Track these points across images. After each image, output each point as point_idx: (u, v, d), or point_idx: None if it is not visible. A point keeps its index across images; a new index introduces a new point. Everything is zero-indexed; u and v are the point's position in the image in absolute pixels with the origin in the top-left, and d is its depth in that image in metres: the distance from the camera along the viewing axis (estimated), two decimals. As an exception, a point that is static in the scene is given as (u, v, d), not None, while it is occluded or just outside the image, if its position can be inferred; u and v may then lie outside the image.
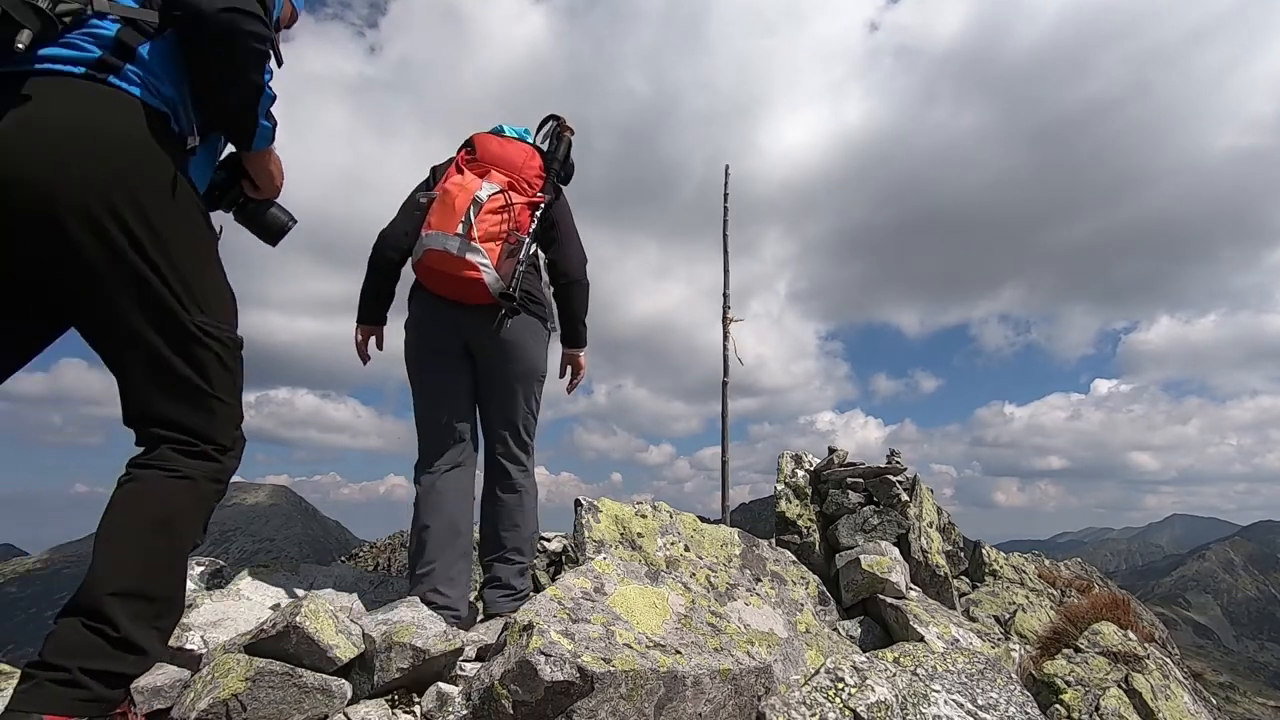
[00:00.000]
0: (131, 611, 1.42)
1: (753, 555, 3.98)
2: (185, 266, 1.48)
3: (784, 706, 2.03)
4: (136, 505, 1.48)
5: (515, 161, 2.78)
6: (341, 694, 1.99)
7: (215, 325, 1.55)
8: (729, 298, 8.60)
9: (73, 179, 1.28)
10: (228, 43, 1.41)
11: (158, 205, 1.41)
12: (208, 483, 1.60)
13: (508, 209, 2.64)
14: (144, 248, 1.40)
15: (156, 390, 1.50)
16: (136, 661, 1.46)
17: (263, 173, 1.77)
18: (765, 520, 6.61)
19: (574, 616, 1.98)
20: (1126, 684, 3.45)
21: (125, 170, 1.35)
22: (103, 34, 1.39)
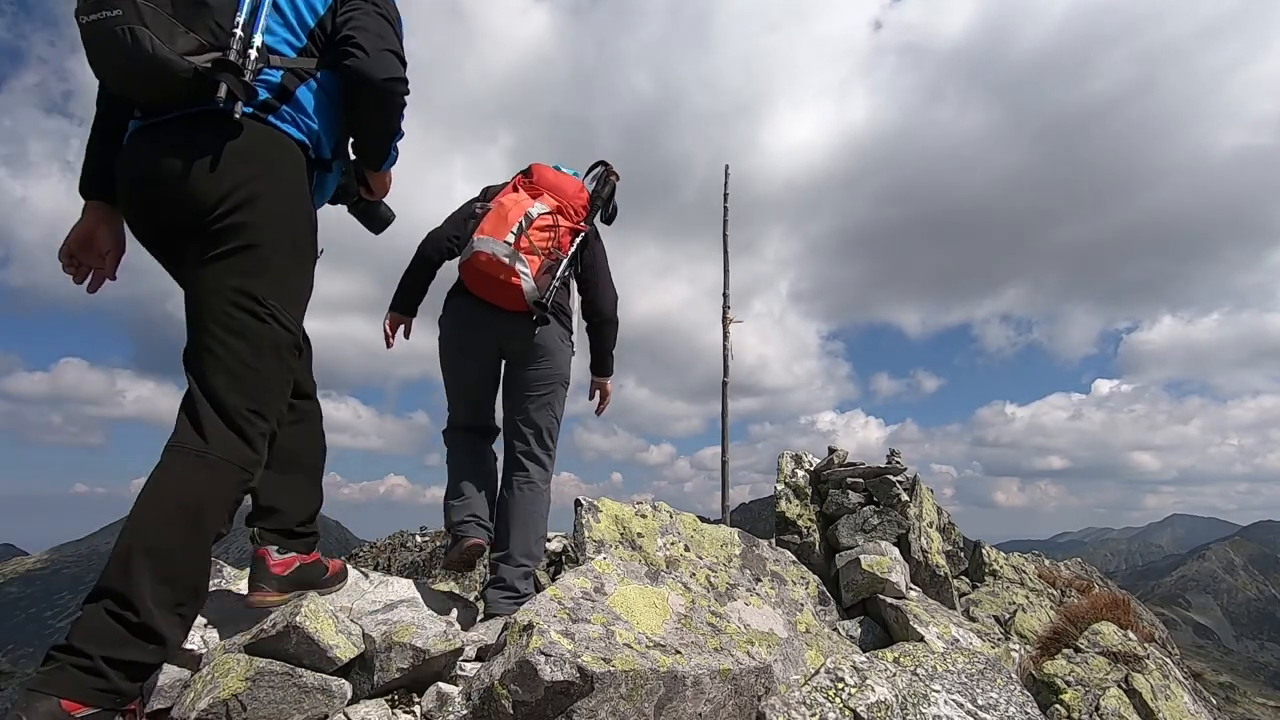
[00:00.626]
0: (154, 597, 1.49)
1: (753, 555, 3.98)
2: (278, 261, 1.78)
3: (784, 706, 2.03)
4: (167, 492, 1.58)
5: (566, 190, 3.11)
6: (341, 694, 1.99)
7: (283, 312, 1.80)
8: (729, 298, 8.61)
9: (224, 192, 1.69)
10: (386, 102, 1.88)
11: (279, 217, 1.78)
12: (238, 472, 1.69)
13: (554, 229, 2.95)
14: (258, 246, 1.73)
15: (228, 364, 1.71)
16: (156, 651, 1.52)
17: (381, 183, 2.25)
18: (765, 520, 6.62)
19: (574, 616, 1.98)
20: (1126, 684, 3.45)
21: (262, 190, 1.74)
22: (270, 81, 1.78)
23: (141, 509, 1.55)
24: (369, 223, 2.34)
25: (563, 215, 3.02)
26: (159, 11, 1.58)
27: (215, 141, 1.68)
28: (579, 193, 3.15)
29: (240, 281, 1.73)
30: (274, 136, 1.79)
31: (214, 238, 1.71)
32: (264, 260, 1.75)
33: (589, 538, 3.57)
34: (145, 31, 1.55)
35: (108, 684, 1.40)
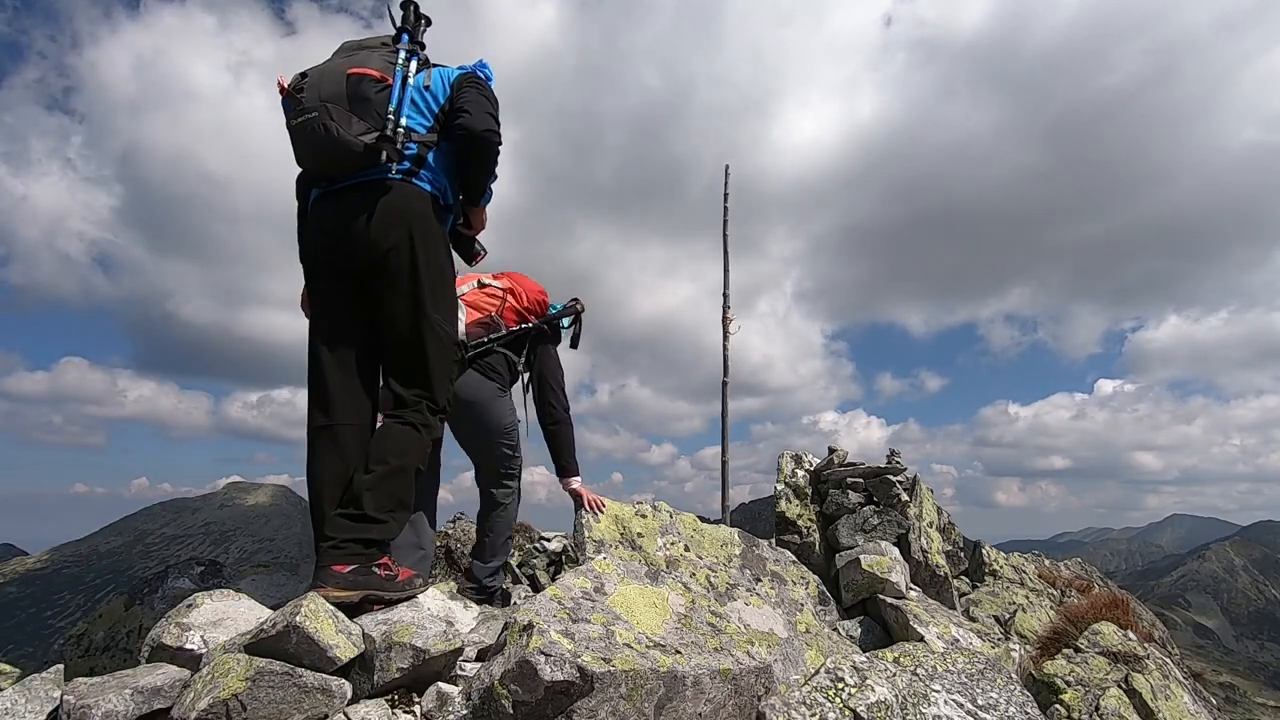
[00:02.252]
0: (373, 502, 2.30)
1: (753, 555, 3.98)
2: (437, 286, 2.48)
3: (784, 706, 2.03)
4: (388, 440, 2.38)
5: (527, 285, 3.80)
6: (341, 694, 1.99)
7: (445, 323, 2.52)
8: (729, 298, 8.60)
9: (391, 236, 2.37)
10: (486, 150, 2.51)
11: (427, 250, 2.45)
12: (428, 431, 2.47)
13: (501, 300, 3.65)
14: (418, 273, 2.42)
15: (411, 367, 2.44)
16: (381, 529, 2.32)
17: (479, 218, 2.78)
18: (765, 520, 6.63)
19: (574, 616, 1.98)
20: (1126, 684, 3.45)
21: (414, 232, 2.41)
22: (411, 152, 2.43)
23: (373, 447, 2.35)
24: (464, 255, 2.80)
25: (513, 296, 3.71)
26: (340, 108, 2.32)
27: (381, 200, 2.37)
28: (539, 294, 3.82)
29: (415, 303, 2.42)
30: (418, 192, 2.46)
31: (391, 272, 2.39)
32: (426, 285, 2.44)
33: (589, 538, 3.57)
34: (333, 123, 2.29)
35: (353, 550, 2.23)
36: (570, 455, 3.84)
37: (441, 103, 2.53)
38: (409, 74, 2.43)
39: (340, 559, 2.23)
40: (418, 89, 2.47)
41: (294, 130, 2.33)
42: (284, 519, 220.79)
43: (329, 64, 2.43)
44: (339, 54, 2.54)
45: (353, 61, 2.40)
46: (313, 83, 2.35)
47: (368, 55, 2.44)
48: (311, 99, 2.32)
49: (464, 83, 2.57)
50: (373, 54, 2.46)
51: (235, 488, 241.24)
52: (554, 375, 3.82)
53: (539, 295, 3.82)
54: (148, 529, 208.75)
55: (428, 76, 2.53)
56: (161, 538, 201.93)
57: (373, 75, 2.38)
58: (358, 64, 2.39)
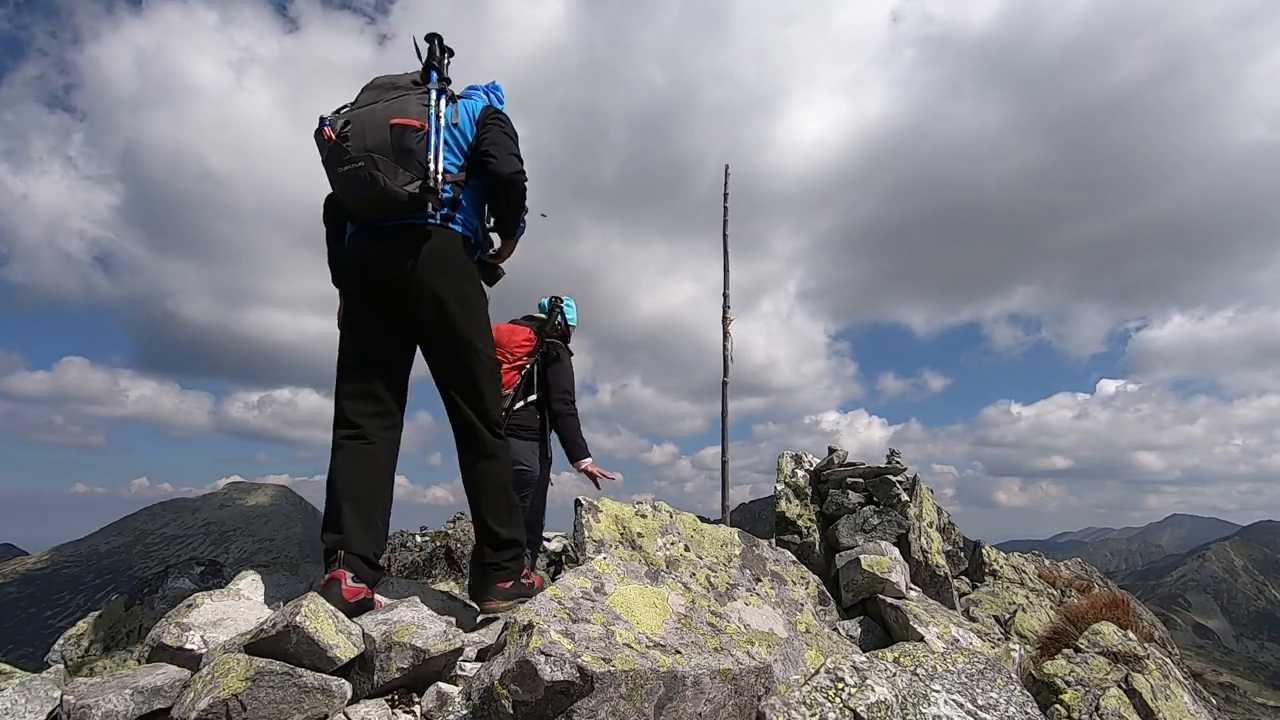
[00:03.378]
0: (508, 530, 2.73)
1: (753, 555, 3.98)
2: (477, 319, 2.72)
3: (784, 706, 2.03)
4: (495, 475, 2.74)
5: (508, 343, 4.26)
6: (341, 694, 1.99)
7: (488, 349, 2.76)
8: (729, 298, 8.61)
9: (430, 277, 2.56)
10: (514, 192, 2.72)
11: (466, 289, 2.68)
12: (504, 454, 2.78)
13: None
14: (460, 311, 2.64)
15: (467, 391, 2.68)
16: (517, 551, 2.76)
17: (509, 250, 2.98)
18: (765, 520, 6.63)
19: (574, 616, 1.98)
20: (1126, 684, 3.45)
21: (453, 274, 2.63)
22: (448, 195, 2.58)
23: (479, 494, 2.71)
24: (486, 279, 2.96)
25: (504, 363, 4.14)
26: (386, 159, 2.47)
27: (424, 245, 2.56)
28: (523, 341, 4.32)
29: (461, 338, 2.65)
30: (453, 236, 2.65)
31: (434, 312, 2.61)
32: (464, 317, 2.65)
33: (589, 538, 3.57)
34: (379, 174, 2.45)
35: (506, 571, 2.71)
36: (575, 441, 4.27)
37: (470, 139, 2.71)
38: (442, 117, 2.60)
39: (501, 577, 2.73)
40: (448, 127, 2.64)
41: (341, 176, 2.51)
42: (284, 519, 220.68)
43: (370, 111, 2.54)
44: (370, 91, 2.66)
45: (393, 109, 2.54)
46: (356, 130, 2.49)
47: (405, 101, 2.58)
48: (357, 148, 2.46)
49: (487, 119, 2.74)
50: (409, 99, 2.59)
51: (235, 488, 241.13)
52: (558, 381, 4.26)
53: (524, 341, 4.35)
54: (148, 529, 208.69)
55: (454, 113, 2.69)
56: (161, 538, 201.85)
57: (414, 125, 2.53)
58: (398, 112, 2.53)
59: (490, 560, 2.71)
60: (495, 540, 2.72)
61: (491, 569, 2.71)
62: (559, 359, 4.35)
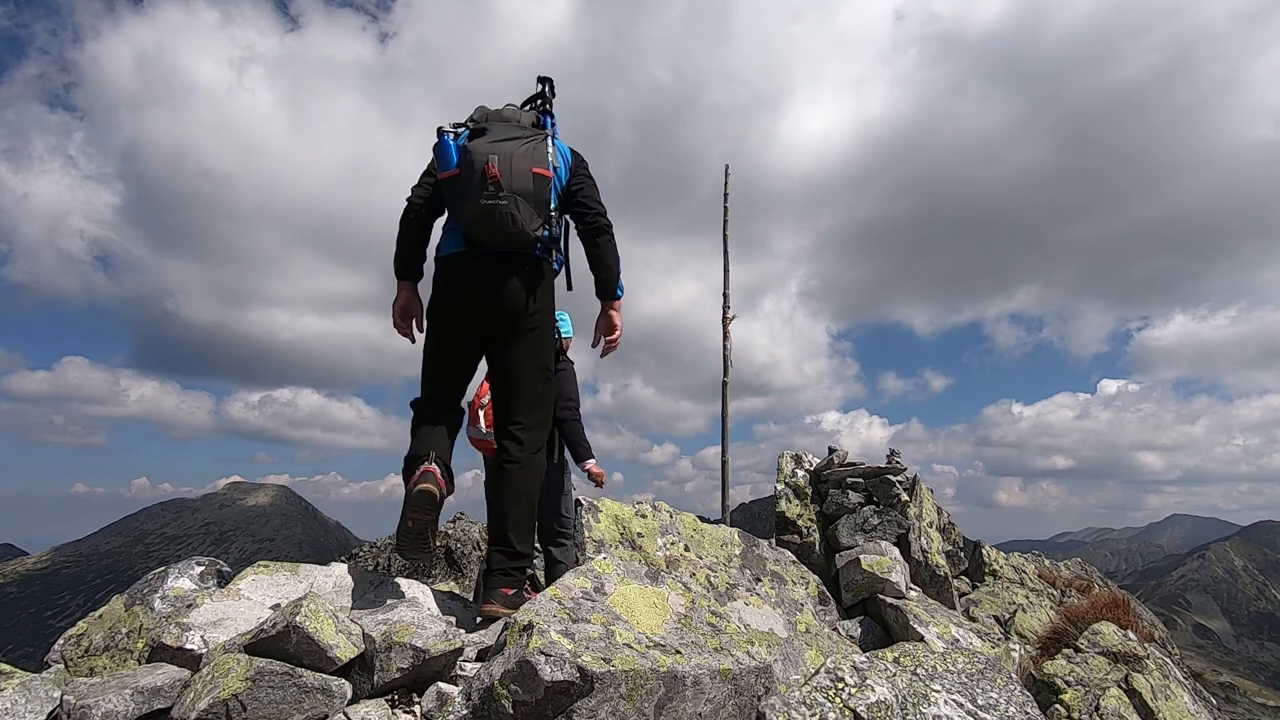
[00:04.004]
0: (519, 540, 2.93)
1: (753, 555, 3.98)
2: (550, 347, 3.06)
3: (784, 706, 2.03)
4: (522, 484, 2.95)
5: None
6: (341, 694, 1.99)
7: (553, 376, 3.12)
8: (729, 298, 8.61)
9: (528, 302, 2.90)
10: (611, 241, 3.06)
11: (550, 318, 3.03)
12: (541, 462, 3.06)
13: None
14: (545, 337, 3.00)
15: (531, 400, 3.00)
16: (527, 561, 2.95)
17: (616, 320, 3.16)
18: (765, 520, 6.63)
19: (574, 616, 1.98)
20: (1126, 684, 3.45)
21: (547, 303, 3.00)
22: (545, 236, 2.91)
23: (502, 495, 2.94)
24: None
25: None
26: (526, 204, 2.79)
27: (532, 273, 2.91)
28: None
29: (538, 360, 3.00)
30: (551, 269, 3.01)
31: (524, 333, 2.93)
32: (547, 346, 3.03)
33: (589, 538, 3.57)
34: (519, 215, 2.78)
35: (518, 578, 2.88)
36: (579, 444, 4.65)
37: (564, 181, 3.02)
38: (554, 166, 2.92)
39: (506, 584, 2.86)
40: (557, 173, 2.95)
41: (480, 206, 2.76)
42: (284, 519, 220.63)
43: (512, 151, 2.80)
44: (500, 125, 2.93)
45: (534, 158, 2.84)
46: (505, 170, 2.76)
47: (541, 150, 2.86)
48: (506, 187, 2.76)
49: (579, 167, 3.08)
50: (543, 148, 2.88)
51: (235, 488, 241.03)
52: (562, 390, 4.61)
53: None
54: (148, 529, 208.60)
55: (556, 156, 2.96)
56: (161, 538, 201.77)
57: (547, 176, 2.86)
58: (539, 162, 2.84)
59: (499, 566, 2.89)
60: (509, 549, 2.91)
61: (499, 574, 2.88)
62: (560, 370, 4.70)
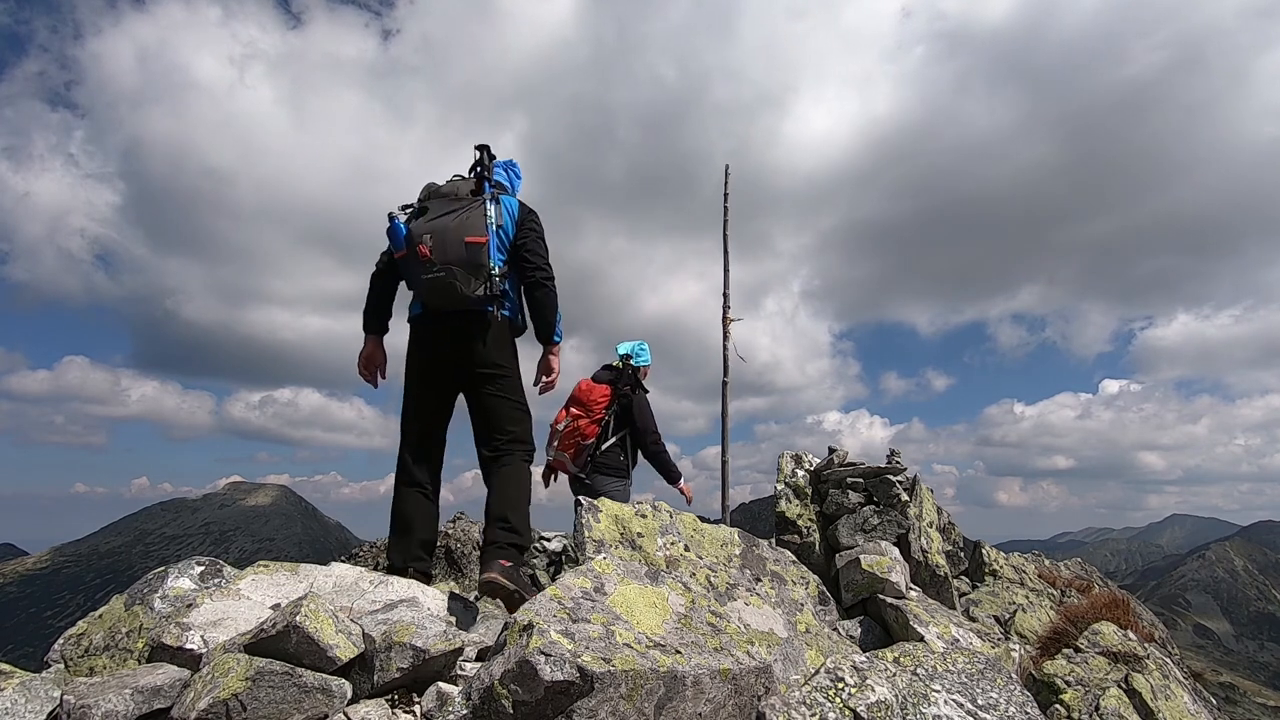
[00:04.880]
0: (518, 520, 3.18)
1: (753, 555, 3.98)
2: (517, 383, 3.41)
3: (784, 706, 2.03)
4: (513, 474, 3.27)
5: (585, 400, 5.25)
6: (341, 693, 1.99)
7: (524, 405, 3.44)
8: (729, 298, 8.61)
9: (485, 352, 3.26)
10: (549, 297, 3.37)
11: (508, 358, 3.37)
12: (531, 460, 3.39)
13: (575, 432, 5.18)
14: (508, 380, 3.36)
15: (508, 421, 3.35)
16: (523, 541, 3.18)
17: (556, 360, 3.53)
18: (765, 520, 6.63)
19: (574, 616, 1.98)
20: (1126, 684, 3.45)
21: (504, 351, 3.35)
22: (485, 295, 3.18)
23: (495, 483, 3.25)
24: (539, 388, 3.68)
25: (581, 419, 5.18)
26: (463, 270, 3.11)
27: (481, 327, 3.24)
28: (599, 397, 5.22)
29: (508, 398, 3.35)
30: (503, 320, 3.27)
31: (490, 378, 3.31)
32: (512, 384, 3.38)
33: (589, 538, 3.57)
34: (458, 283, 3.12)
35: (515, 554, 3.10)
36: (669, 469, 5.28)
37: (511, 236, 3.33)
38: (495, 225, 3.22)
39: (504, 556, 3.03)
40: (497, 230, 3.25)
41: (424, 281, 3.16)
42: (284, 519, 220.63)
43: (444, 226, 3.15)
44: (437, 201, 3.30)
45: (465, 227, 3.16)
46: (438, 245, 3.12)
47: (472, 217, 3.19)
48: (440, 261, 3.12)
49: (525, 221, 3.38)
50: (474, 214, 3.20)
51: (235, 488, 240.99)
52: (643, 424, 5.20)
53: (601, 397, 5.22)
54: (148, 529, 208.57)
55: (499, 213, 3.27)
56: (161, 538, 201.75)
57: (480, 241, 3.15)
58: (469, 230, 3.16)
59: (496, 540, 3.10)
60: (505, 523, 3.15)
61: (495, 548, 3.07)
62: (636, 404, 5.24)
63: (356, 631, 2.13)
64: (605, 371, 5.31)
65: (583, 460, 5.07)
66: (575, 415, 5.18)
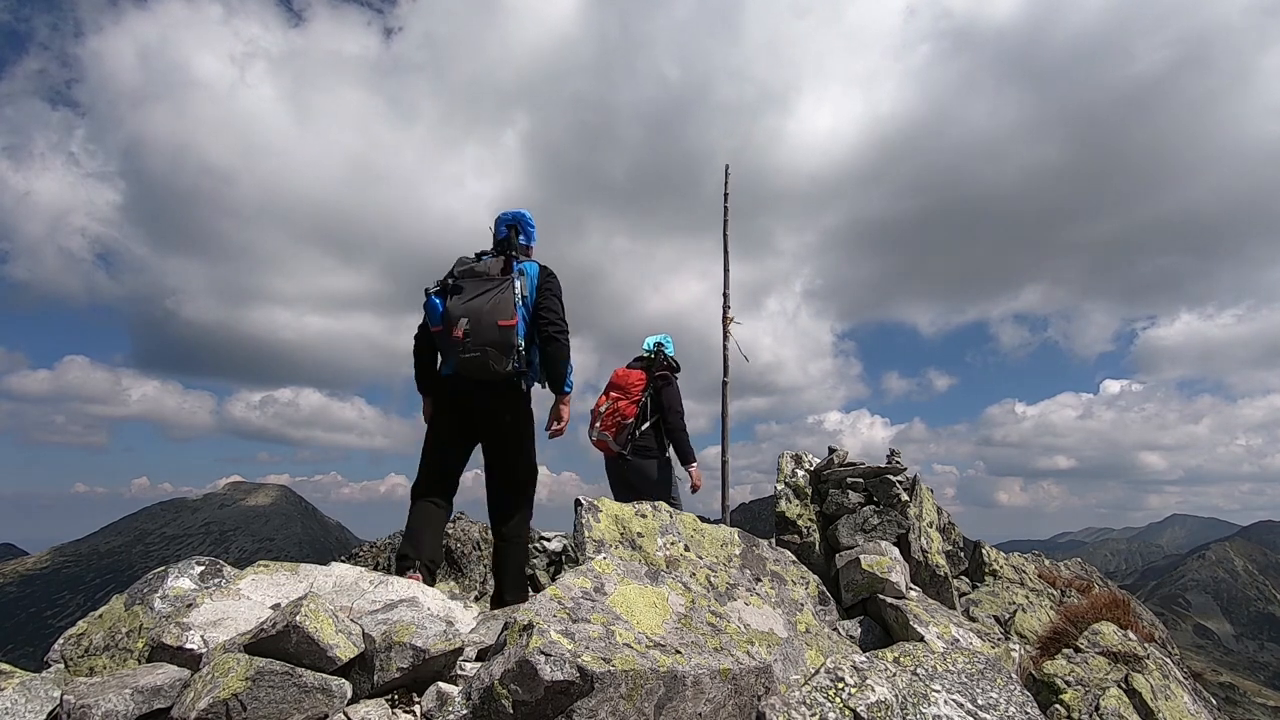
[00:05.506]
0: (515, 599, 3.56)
1: (753, 555, 3.98)
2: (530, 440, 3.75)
3: (784, 706, 2.04)
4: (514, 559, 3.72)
5: (623, 384, 5.66)
6: (341, 693, 1.99)
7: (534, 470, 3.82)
8: (729, 298, 8.61)
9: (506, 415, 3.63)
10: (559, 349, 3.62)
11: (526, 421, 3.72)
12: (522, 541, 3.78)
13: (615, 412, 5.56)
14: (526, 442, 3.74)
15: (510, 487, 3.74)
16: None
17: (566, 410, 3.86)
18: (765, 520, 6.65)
19: (574, 616, 1.98)
20: (1126, 684, 3.45)
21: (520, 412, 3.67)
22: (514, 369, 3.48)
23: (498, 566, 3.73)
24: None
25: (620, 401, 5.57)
26: (496, 352, 3.42)
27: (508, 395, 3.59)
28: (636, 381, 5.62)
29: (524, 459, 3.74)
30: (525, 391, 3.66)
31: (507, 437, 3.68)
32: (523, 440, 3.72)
33: (589, 538, 3.57)
34: (491, 362, 3.43)
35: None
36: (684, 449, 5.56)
37: (533, 303, 3.62)
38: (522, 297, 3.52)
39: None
40: (523, 305, 3.54)
41: (461, 359, 3.43)
42: (284, 519, 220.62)
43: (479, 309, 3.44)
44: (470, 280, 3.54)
45: (498, 311, 3.44)
46: (474, 329, 3.40)
47: (504, 301, 3.47)
48: (477, 343, 3.40)
49: (544, 285, 3.65)
50: (506, 298, 3.47)
51: (236, 488, 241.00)
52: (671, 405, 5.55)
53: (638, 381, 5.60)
54: (148, 529, 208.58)
55: (524, 286, 3.57)
56: (161, 538, 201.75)
57: (511, 324, 3.45)
58: (502, 314, 3.45)
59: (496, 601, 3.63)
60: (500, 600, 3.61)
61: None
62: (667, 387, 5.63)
63: (356, 631, 2.13)
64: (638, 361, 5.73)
65: (624, 439, 5.43)
66: (615, 398, 5.57)
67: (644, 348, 5.84)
